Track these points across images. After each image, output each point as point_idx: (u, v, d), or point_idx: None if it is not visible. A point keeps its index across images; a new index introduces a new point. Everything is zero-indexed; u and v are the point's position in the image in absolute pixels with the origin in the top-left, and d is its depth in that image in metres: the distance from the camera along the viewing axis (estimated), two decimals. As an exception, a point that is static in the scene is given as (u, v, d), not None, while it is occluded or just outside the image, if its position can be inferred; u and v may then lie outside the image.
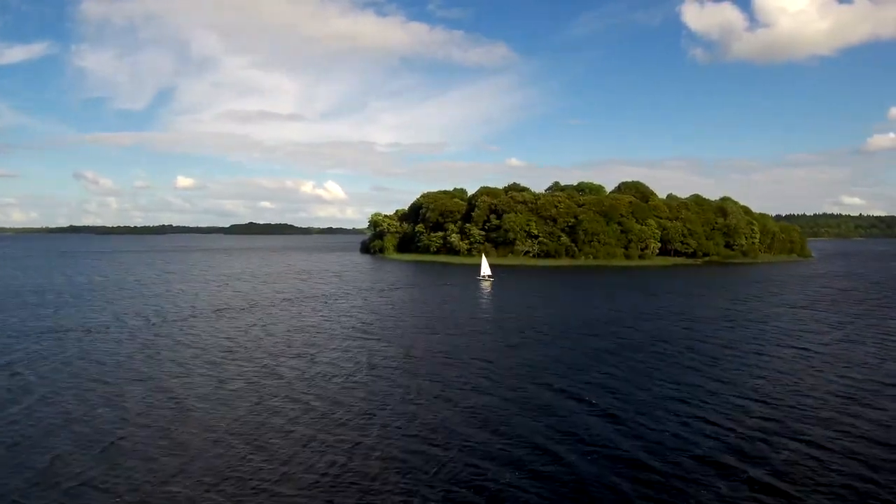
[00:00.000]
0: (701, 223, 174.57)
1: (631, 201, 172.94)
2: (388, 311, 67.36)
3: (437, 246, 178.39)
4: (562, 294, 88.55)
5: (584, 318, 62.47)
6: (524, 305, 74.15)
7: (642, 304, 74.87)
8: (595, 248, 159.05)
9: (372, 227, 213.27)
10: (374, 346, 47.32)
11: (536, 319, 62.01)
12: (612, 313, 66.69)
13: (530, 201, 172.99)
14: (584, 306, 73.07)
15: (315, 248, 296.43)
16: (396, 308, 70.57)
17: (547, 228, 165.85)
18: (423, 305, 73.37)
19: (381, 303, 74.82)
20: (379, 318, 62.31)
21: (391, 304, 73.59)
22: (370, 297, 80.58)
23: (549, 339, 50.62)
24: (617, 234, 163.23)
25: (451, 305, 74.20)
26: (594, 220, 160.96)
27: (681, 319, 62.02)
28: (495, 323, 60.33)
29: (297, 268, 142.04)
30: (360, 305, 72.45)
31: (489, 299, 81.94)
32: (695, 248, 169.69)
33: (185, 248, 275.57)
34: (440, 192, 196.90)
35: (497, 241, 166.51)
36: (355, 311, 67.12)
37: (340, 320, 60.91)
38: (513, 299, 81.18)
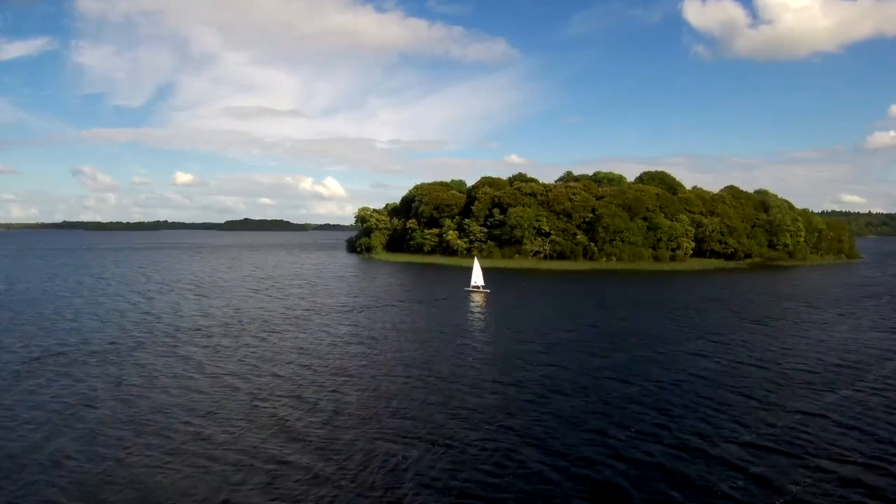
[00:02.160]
0: (740, 219, 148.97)
1: (658, 193, 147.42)
2: (327, 356, 42.60)
3: (432, 245, 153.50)
4: (579, 313, 63.45)
5: (618, 371, 37.63)
6: (524, 336, 49.52)
7: (708, 333, 49.91)
8: (618, 249, 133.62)
9: (359, 222, 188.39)
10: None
11: (540, 373, 37.31)
12: (667, 357, 41.76)
13: (540, 193, 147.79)
14: (614, 343, 48.12)
15: (303, 245, 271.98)
16: (346, 347, 45.88)
17: (560, 224, 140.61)
18: (386, 342, 48.61)
19: (328, 339, 50.05)
20: (309, 370, 37.69)
21: (342, 341, 48.84)
22: (323, 326, 55.82)
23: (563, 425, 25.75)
24: (643, 232, 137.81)
25: (423, 341, 49.33)
26: (616, 214, 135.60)
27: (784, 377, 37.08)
28: (474, 387, 35.43)
29: (263, 272, 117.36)
30: (300, 345, 47.67)
31: (476, 326, 57.07)
32: (735, 248, 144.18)
33: (159, 246, 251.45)
34: (435, 183, 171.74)
35: (501, 240, 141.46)
36: (287, 353, 42.56)
37: (259, 370, 36.37)
38: (510, 323, 56.35)
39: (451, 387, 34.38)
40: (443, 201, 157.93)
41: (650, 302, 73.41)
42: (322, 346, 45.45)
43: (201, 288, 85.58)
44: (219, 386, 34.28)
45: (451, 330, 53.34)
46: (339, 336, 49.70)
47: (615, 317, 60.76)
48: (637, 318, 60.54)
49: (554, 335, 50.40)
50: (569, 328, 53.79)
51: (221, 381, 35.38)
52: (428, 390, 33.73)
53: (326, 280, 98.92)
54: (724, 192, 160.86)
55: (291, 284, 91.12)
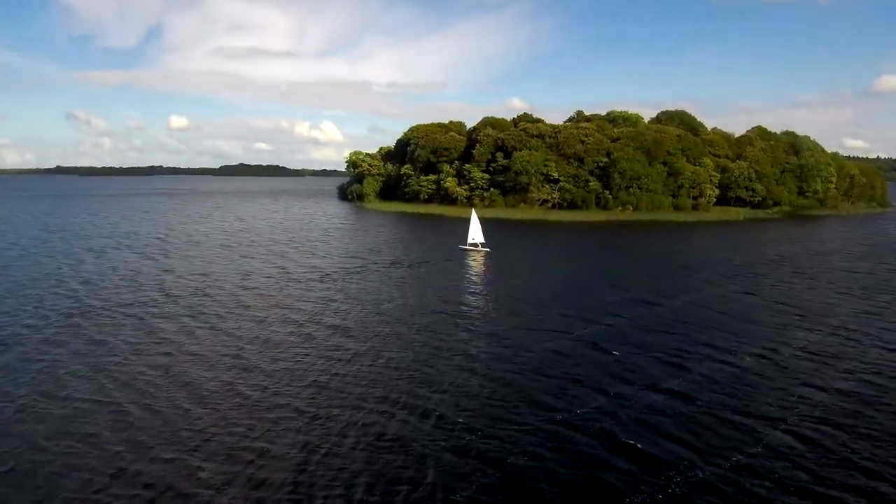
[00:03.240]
0: (769, 163, 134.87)
1: (680, 135, 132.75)
2: (275, 350, 30.37)
3: (429, 192, 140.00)
4: (594, 279, 50.94)
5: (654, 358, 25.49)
6: (526, 312, 37.15)
7: (790, 322, 37.74)
8: (635, 197, 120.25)
9: (351, 168, 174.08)
10: None
11: (549, 367, 25.24)
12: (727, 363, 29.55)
13: (548, 135, 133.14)
14: (646, 325, 35.91)
15: (294, 192, 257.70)
16: (304, 335, 33.64)
17: (570, 170, 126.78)
18: (351, 327, 36.39)
19: (285, 322, 37.83)
20: (244, 373, 25.57)
21: (301, 325, 36.56)
22: (284, 303, 43.58)
23: None
24: (663, 178, 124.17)
25: (404, 317, 37.03)
26: (634, 158, 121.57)
27: None
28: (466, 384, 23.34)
29: (241, 224, 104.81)
30: (244, 333, 35.51)
31: (468, 301, 44.57)
32: (763, 195, 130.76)
33: (144, 192, 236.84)
34: (433, 124, 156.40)
35: (505, 187, 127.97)
36: (223, 345, 30.33)
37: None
38: (511, 292, 43.89)
39: (432, 399, 22.41)
40: (441, 144, 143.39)
41: (688, 264, 60.91)
42: (273, 335, 33.38)
43: (163, 244, 73.12)
44: (116, 398, 22.28)
45: (435, 306, 41.10)
46: (300, 319, 37.50)
47: (640, 283, 48.37)
48: (676, 284, 48.20)
49: (565, 310, 38.21)
50: (584, 303, 41.44)
51: (123, 381, 23.36)
52: (404, 406, 21.77)
53: (308, 235, 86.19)
54: (751, 133, 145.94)
55: (267, 241, 78.48)
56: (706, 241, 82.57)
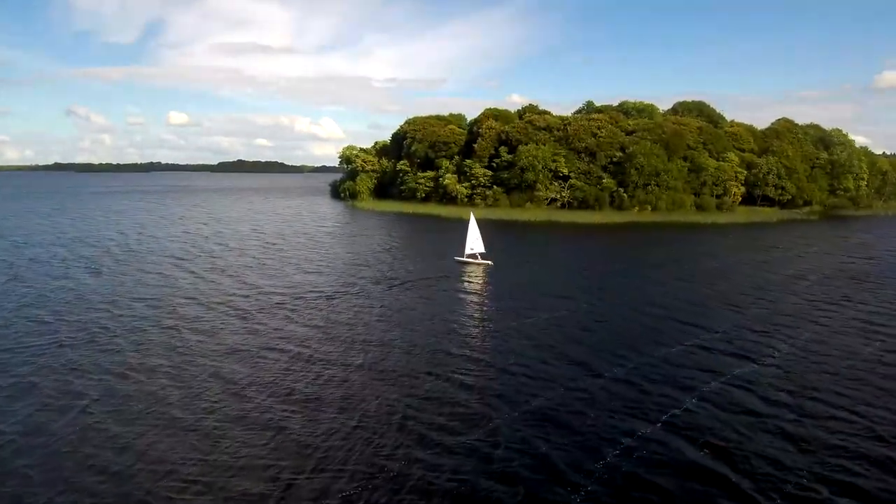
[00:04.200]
0: (800, 158, 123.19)
1: (701, 127, 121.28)
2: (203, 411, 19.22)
3: (427, 190, 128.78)
4: (628, 312, 39.65)
5: None
6: (543, 360, 25.77)
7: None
8: (654, 196, 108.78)
9: (344, 163, 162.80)
10: None
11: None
12: None
13: (556, 127, 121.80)
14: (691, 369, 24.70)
15: (288, 189, 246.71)
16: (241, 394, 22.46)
17: (582, 166, 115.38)
18: (314, 374, 25.20)
19: (218, 377, 26.69)
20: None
21: (244, 377, 25.34)
22: (224, 346, 32.52)
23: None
24: (684, 175, 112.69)
25: (375, 369, 25.88)
26: (651, 153, 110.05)
27: None
28: None
29: (216, 227, 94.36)
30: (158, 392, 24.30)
31: (463, 341, 33.11)
32: (793, 194, 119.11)
33: (130, 189, 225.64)
34: (431, 116, 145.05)
35: (510, 185, 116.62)
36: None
37: None
38: (520, 329, 32.47)
39: None
40: (439, 138, 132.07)
41: (757, 283, 49.53)
42: (202, 391, 22.25)
43: (103, 254, 61.84)
44: None
45: (421, 349, 29.94)
46: (242, 371, 26.33)
47: (693, 314, 37.09)
48: (753, 315, 36.89)
49: (589, 355, 27.02)
50: (612, 341, 30.22)
51: None
52: None
53: (284, 243, 74.75)
54: (777, 125, 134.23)
55: (235, 251, 67.17)
56: (752, 248, 70.97)
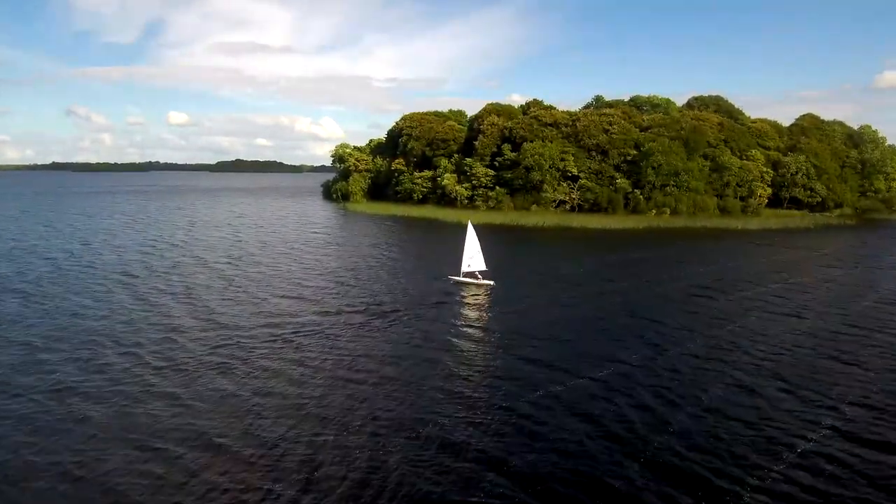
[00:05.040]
0: (829, 157, 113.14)
1: (722, 123, 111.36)
2: None
3: (424, 191, 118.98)
4: (667, 358, 30.07)
5: None
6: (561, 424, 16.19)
7: None
8: (673, 198, 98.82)
9: (337, 162, 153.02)
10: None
11: None
12: None
13: (564, 123, 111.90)
14: None
15: (281, 189, 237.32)
16: None
17: (593, 165, 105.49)
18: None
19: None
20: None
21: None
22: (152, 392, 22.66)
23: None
24: (706, 175, 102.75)
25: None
26: (670, 150, 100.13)
27: None
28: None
29: (189, 234, 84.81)
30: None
31: (461, 403, 23.39)
32: (823, 195, 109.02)
33: (118, 190, 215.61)
34: (429, 112, 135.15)
35: (514, 186, 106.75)
36: None
37: None
38: (530, 379, 22.86)
39: None
40: (438, 135, 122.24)
41: (852, 320, 39.70)
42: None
43: (56, 265, 52.05)
44: None
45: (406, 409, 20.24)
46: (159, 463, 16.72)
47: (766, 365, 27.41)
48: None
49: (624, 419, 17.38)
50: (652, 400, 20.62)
51: None
52: None
53: (263, 253, 64.83)
54: (803, 121, 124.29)
55: (202, 263, 57.54)
56: (810, 264, 61.10)
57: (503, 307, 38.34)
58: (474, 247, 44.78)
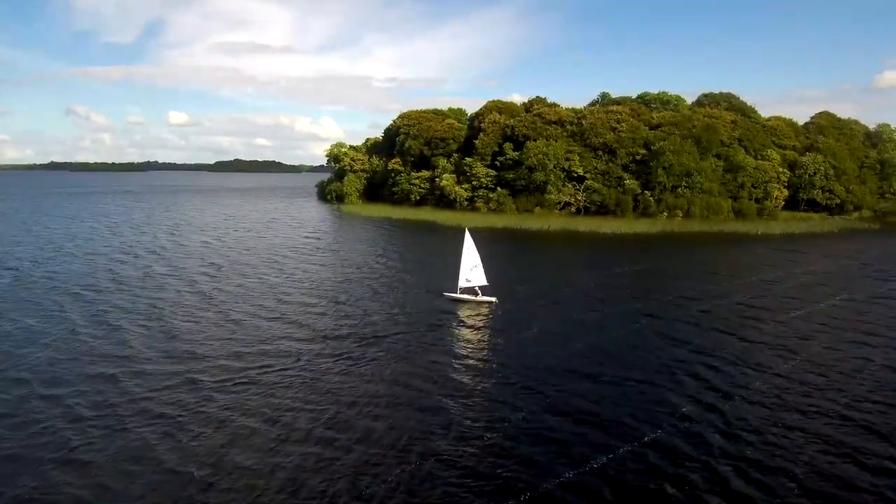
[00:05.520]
0: (848, 157, 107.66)
1: (736, 121, 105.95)
2: None
3: (422, 192, 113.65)
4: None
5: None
6: None
7: None
8: (685, 200, 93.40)
9: (332, 162, 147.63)
10: None
11: None
12: None
13: (569, 121, 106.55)
14: None
15: (278, 189, 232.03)
16: None
17: (600, 165, 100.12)
18: None
19: None
20: None
21: None
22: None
23: None
24: (719, 176, 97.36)
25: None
26: (682, 149, 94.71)
27: None
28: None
29: (160, 241, 79.32)
30: None
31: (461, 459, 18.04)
32: (843, 197, 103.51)
33: (107, 191, 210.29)
34: (427, 110, 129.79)
35: (516, 187, 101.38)
36: None
37: None
38: (545, 429, 17.67)
39: None
40: (436, 133, 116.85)
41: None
42: None
43: (9, 281, 46.78)
44: None
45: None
46: None
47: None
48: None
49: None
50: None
51: None
52: None
53: (245, 262, 59.56)
54: (819, 118, 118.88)
55: (175, 275, 52.24)
56: (848, 272, 55.64)
57: (509, 333, 32.79)
58: (473, 258, 39.28)
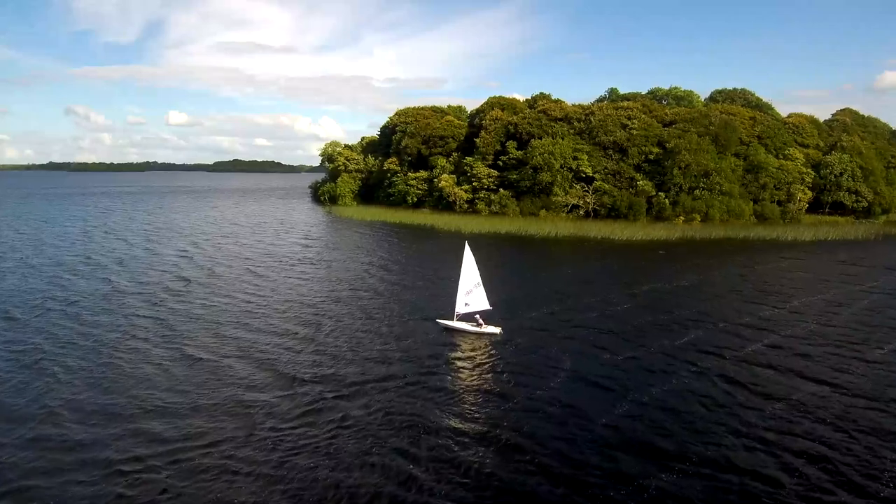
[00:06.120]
0: (875, 156, 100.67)
1: (755, 117, 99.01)
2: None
3: (419, 194, 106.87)
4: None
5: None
6: None
7: None
8: (703, 202, 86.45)
9: (326, 162, 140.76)
10: None
11: None
12: None
13: (577, 118, 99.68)
14: None
15: (273, 190, 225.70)
16: None
17: (610, 165, 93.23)
18: None
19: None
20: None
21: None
22: None
23: None
24: (739, 177, 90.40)
25: None
26: (699, 148, 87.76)
27: None
28: None
29: (125, 251, 72.51)
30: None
31: None
32: (870, 200, 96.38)
33: (93, 192, 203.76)
34: (426, 107, 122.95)
35: (520, 189, 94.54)
36: None
37: None
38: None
39: None
40: (435, 131, 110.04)
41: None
42: None
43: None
44: None
45: None
46: None
47: None
48: None
49: None
50: None
51: None
52: None
53: (219, 275, 52.93)
54: (842, 115, 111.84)
55: (136, 292, 45.64)
56: None
57: (519, 379, 25.72)
58: (473, 278, 32.39)
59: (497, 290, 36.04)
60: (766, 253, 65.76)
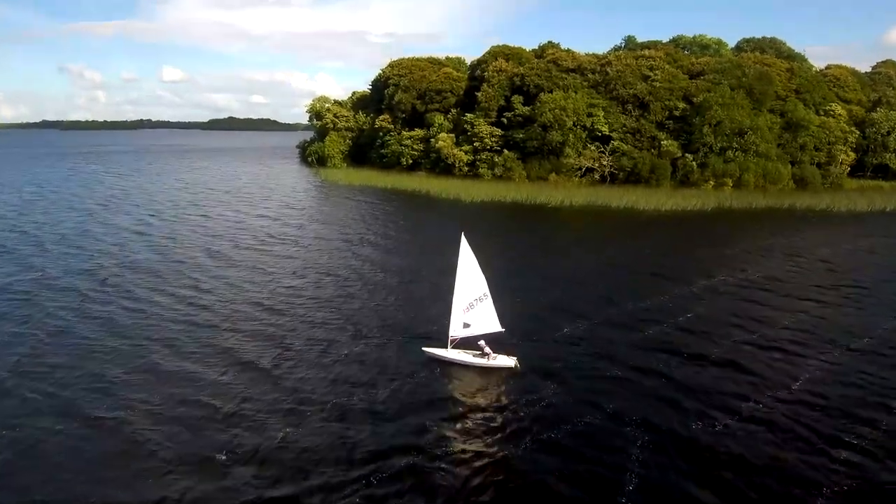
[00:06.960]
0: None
1: (791, 68, 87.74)
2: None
3: (415, 155, 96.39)
4: None
5: None
6: None
7: None
8: (736, 165, 76.10)
9: (314, 120, 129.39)
10: None
11: None
12: None
13: (591, 69, 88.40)
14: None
15: (264, 150, 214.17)
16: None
17: (629, 122, 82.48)
18: None
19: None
20: None
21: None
22: None
23: None
24: (776, 135, 79.81)
25: None
26: (733, 102, 76.88)
27: None
28: None
29: (81, 226, 62.84)
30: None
31: None
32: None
33: (75, 151, 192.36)
34: (421, 58, 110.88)
35: (527, 149, 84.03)
36: None
37: None
38: None
39: None
40: (431, 85, 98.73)
41: None
42: None
43: None
44: None
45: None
46: None
47: None
48: None
49: None
50: None
51: None
52: None
53: (171, 259, 43.39)
54: (886, 67, 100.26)
55: (61, 281, 36.45)
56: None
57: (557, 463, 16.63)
58: (475, 286, 22.63)
59: (505, 291, 26.71)
60: (820, 227, 55.98)
